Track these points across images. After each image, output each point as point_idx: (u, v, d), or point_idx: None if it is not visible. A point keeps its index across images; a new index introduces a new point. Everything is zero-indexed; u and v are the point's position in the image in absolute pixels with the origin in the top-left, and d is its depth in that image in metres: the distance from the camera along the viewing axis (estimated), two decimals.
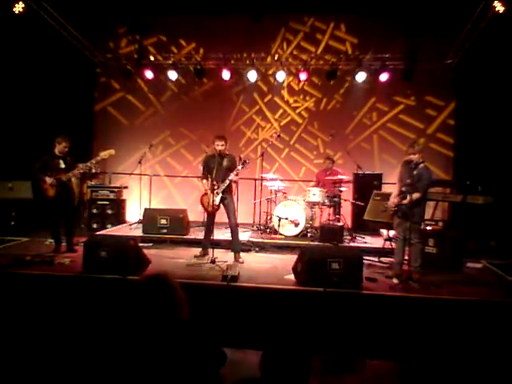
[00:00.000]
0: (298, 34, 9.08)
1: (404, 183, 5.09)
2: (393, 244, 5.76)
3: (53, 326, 4.24)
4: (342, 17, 8.91)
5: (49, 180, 5.81)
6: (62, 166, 5.95)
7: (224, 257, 5.89)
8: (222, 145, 5.83)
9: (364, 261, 5.05)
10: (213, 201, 5.72)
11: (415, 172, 4.99)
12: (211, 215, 5.92)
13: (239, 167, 5.86)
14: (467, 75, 8.23)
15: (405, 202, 5.05)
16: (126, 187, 8.72)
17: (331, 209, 7.47)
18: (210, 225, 5.98)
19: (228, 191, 5.90)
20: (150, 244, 6.85)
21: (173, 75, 9.00)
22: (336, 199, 7.47)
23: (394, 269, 5.34)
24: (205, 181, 6.02)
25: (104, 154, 6.08)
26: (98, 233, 7.23)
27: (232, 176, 5.79)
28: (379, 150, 9.07)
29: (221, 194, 5.80)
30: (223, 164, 5.86)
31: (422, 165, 5.05)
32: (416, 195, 4.96)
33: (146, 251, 5.43)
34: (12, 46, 7.64)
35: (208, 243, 6.02)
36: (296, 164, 9.30)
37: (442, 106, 8.82)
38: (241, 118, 9.41)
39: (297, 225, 7.16)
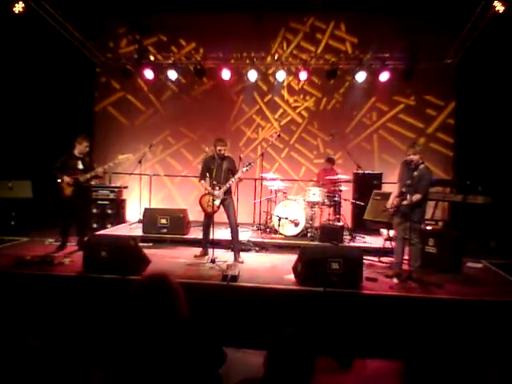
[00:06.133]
0: (297, 34, 9.08)
1: (404, 184, 5.08)
2: (393, 244, 5.76)
3: (52, 326, 4.24)
4: (341, 16, 8.91)
5: (66, 179, 5.93)
6: (80, 166, 6.08)
7: (224, 257, 5.89)
8: (224, 148, 5.87)
9: (364, 261, 5.04)
10: (213, 202, 5.72)
11: (415, 173, 4.98)
12: (210, 216, 5.90)
13: (244, 169, 5.89)
14: (467, 75, 8.23)
15: (405, 203, 5.05)
16: (126, 187, 8.72)
17: (331, 208, 7.47)
18: (208, 226, 5.96)
19: (228, 192, 5.92)
20: (150, 244, 6.84)
21: (173, 75, 9.00)
22: (336, 199, 7.47)
23: (393, 268, 5.34)
24: (203, 181, 6.02)
25: (122, 158, 6.36)
26: (97, 233, 7.22)
27: (235, 178, 5.83)
28: (379, 149, 9.07)
29: (222, 196, 5.81)
30: (223, 166, 5.88)
31: (422, 165, 5.05)
32: (416, 196, 4.96)
33: (146, 251, 5.41)
34: (12, 46, 7.64)
35: (207, 243, 6.03)
36: (296, 164, 9.30)
37: (441, 106, 8.82)
38: (241, 117, 9.41)
39: (297, 225, 7.16)
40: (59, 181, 5.97)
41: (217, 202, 5.77)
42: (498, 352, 3.95)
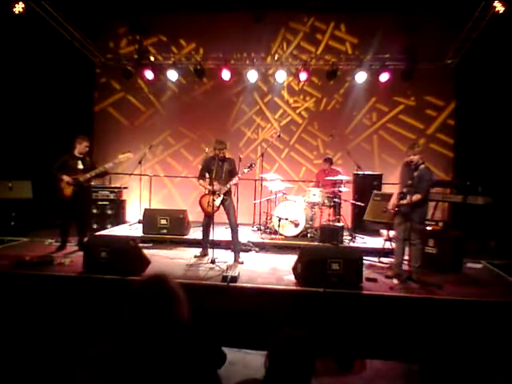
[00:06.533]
0: (297, 34, 9.09)
1: (405, 184, 5.08)
2: (393, 244, 5.76)
3: (52, 326, 4.24)
4: (341, 17, 8.91)
5: (66, 179, 5.92)
6: (80, 166, 6.08)
7: (224, 257, 5.90)
8: (224, 151, 5.87)
9: (364, 261, 5.04)
10: (213, 202, 5.72)
11: (416, 173, 4.98)
12: (210, 216, 5.90)
13: (245, 170, 5.90)
14: (467, 75, 8.23)
15: (403, 202, 5.05)
16: (126, 187, 8.73)
17: (331, 209, 7.46)
18: (208, 226, 5.96)
19: (228, 193, 5.93)
20: (150, 244, 6.85)
21: (173, 75, 9.00)
22: (336, 199, 7.46)
23: (393, 269, 5.34)
24: (201, 181, 6.01)
25: (122, 157, 6.33)
26: (97, 233, 7.23)
27: (235, 180, 5.85)
28: (379, 150, 9.07)
29: (222, 196, 5.81)
30: (224, 167, 5.88)
31: (422, 166, 5.05)
32: (416, 197, 4.95)
33: (146, 251, 5.42)
34: (12, 46, 7.63)
35: (207, 244, 6.03)
36: (296, 164, 9.30)
37: (441, 106, 8.82)
38: (241, 118, 9.41)
39: (297, 225, 7.15)
40: (59, 181, 5.96)
41: (217, 203, 5.77)
42: (498, 352, 3.94)
